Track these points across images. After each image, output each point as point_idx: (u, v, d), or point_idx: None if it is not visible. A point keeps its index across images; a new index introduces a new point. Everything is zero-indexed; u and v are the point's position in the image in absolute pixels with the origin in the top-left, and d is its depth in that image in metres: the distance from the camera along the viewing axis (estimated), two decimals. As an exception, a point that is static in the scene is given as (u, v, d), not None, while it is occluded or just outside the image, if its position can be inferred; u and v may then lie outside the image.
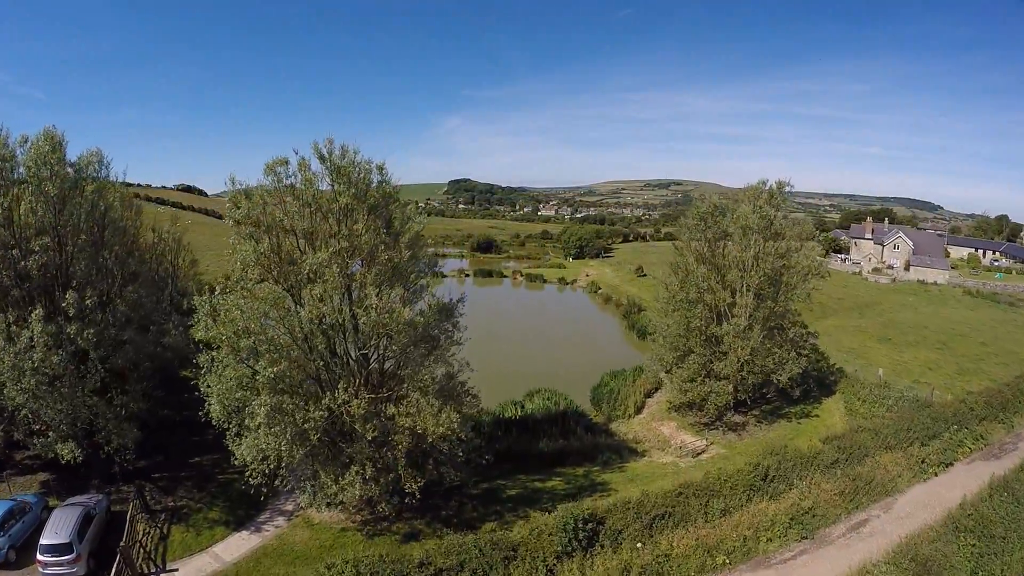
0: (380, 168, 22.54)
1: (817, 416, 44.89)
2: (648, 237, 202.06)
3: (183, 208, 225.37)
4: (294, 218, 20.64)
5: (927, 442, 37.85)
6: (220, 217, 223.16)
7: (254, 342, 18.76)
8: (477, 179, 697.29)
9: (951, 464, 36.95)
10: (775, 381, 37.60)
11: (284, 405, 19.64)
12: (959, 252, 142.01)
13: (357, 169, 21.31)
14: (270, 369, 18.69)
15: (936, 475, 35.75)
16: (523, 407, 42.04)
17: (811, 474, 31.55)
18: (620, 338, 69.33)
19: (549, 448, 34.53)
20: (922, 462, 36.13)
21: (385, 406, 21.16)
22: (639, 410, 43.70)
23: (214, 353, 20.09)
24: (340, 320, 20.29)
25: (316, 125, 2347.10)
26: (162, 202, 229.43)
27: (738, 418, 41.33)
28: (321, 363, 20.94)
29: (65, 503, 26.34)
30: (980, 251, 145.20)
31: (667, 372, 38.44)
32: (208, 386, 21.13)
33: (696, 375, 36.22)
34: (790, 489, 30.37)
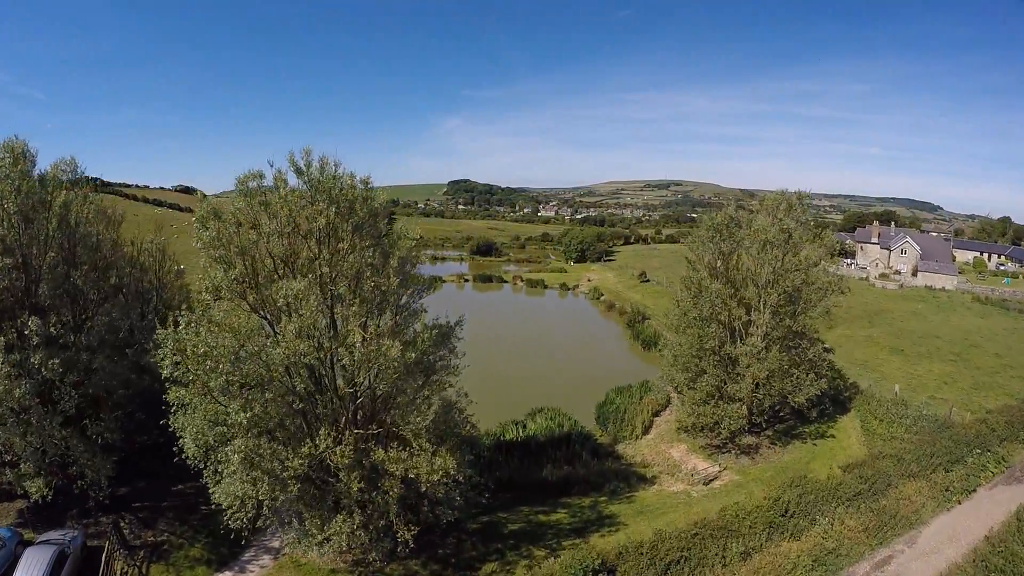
0: (365, 182, 20.46)
1: (833, 436, 42.95)
2: (649, 239, 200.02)
3: (180, 210, 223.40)
4: (270, 240, 18.55)
5: (950, 468, 36.08)
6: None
7: (226, 381, 16.72)
8: (477, 179, 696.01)
9: (974, 490, 35.21)
10: (792, 403, 35.60)
11: (260, 450, 17.60)
12: (964, 256, 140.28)
13: (338, 184, 19.24)
14: (242, 415, 16.67)
15: (959, 503, 33.98)
16: (525, 427, 40.08)
17: (833, 508, 29.61)
18: (624, 349, 67.32)
19: (553, 476, 32.52)
20: (946, 490, 34.38)
21: (374, 450, 19.10)
22: (647, 430, 41.68)
23: (182, 391, 18.05)
24: (321, 358, 18.21)
25: (316, 125, 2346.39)
26: (159, 203, 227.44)
27: (751, 439, 39.33)
28: (301, 404, 18.84)
29: (38, 541, 24.77)
30: (985, 255, 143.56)
31: (677, 392, 36.37)
32: (180, 425, 19.16)
33: (709, 397, 34.20)
34: (812, 525, 28.41)
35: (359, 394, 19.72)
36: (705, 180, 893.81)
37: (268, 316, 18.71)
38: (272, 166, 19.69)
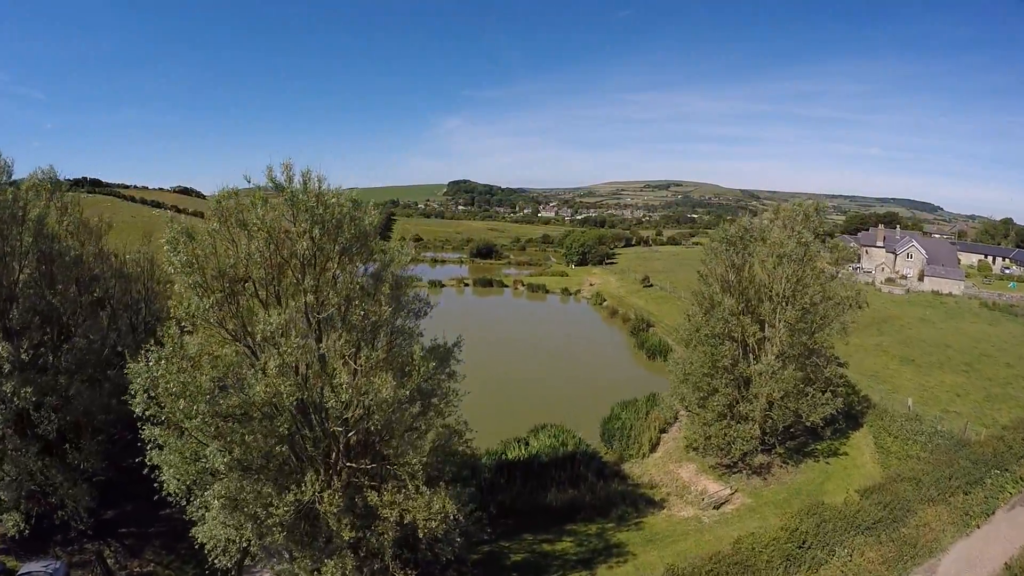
0: (353, 199, 18.90)
1: (846, 454, 41.53)
2: (650, 241, 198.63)
3: (179, 211, 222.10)
4: (249, 264, 16.99)
5: (968, 490, 34.73)
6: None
7: (202, 421, 15.21)
8: (477, 180, 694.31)
9: (992, 512, 33.96)
10: (806, 422, 34.12)
11: (243, 493, 16.10)
12: (968, 259, 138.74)
13: (323, 202, 17.60)
14: (221, 459, 15.19)
15: (978, 526, 32.70)
16: (527, 445, 38.58)
17: (852, 538, 28.17)
18: (628, 358, 65.78)
19: (558, 502, 31.03)
20: (965, 514, 33.09)
21: (367, 490, 17.59)
22: (654, 447, 40.19)
23: (157, 431, 16.55)
24: (304, 398, 16.66)
25: (316, 125, 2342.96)
26: (157, 205, 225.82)
27: (762, 458, 37.79)
28: (284, 446, 17.28)
29: (20, 573, 23.60)
30: (989, 257, 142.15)
31: (687, 410, 34.85)
32: (158, 463, 17.65)
33: (720, 417, 32.71)
34: (831, 558, 26.96)
35: (350, 429, 18.18)
36: (705, 180, 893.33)
37: (250, 344, 17.14)
38: (249, 181, 18.01)
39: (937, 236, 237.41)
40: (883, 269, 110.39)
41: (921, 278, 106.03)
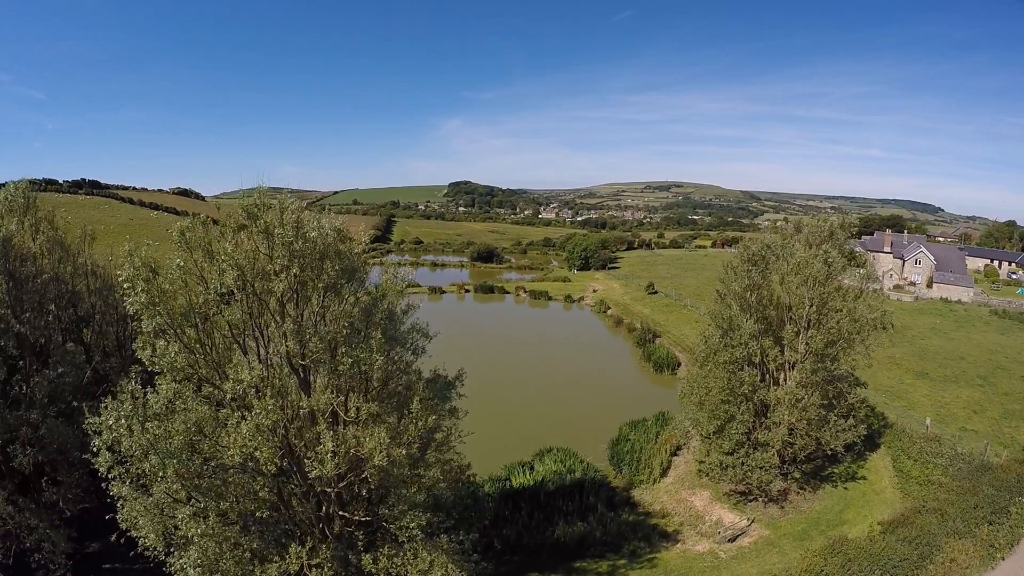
0: (338, 229, 17.04)
1: (864, 478, 39.77)
2: (653, 245, 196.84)
3: (177, 213, 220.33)
4: (220, 305, 15.10)
5: (993, 520, 32.98)
6: (215, 223, 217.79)
7: (171, 488, 13.43)
8: (477, 181, 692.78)
9: (1017, 542, 32.30)
10: (827, 450, 32.36)
11: (222, 564, 14.30)
12: (974, 263, 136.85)
13: (303, 237, 15.59)
14: (194, 527, 13.41)
15: (1003, 559, 31.02)
16: (532, 469, 36.79)
17: (879, 579, 26.44)
18: (635, 371, 63.80)
19: (567, 536, 29.22)
20: (990, 546, 31.38)
21: (360, 555, 15.79)
22: (665, 472, 38.38)
23: (125, 490, 14.76)
24: (283, 466, 14.81)
25: (315, 125, 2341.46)
26: (155, 207, 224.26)
27: (779, 483, 36.01)
28: (265, 511, 15.43)
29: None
30: (996, 262, 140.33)
31: (703, 437, 33.00)
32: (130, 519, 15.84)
33: (738, 446, 30.93)
34: (859, 603, 25.22)
35: (342, 481, 16.33)
36: (706, 182, 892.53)
37: (223, 397, 15.26)
38: (219, 209, 16.04)
39: (941, 239, 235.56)
40: (891, 276, 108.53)
41: (930, 285, 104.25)
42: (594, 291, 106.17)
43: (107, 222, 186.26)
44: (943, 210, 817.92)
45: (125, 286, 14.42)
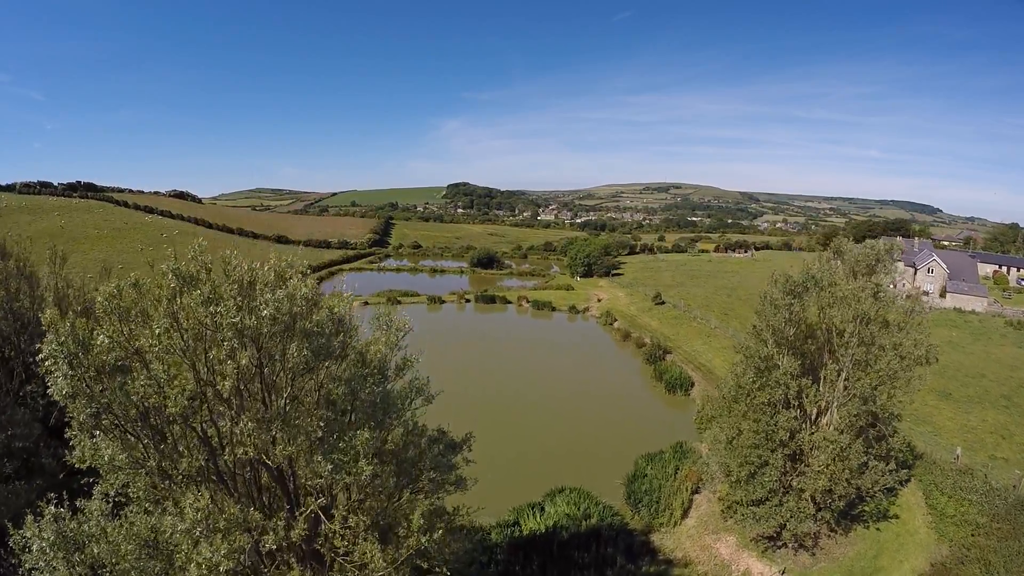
0: (311, 286, 13.85)
1: (896, 517, 37.33)
2: (655, 249, 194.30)
3: (172, 217, 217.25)
4: (159, 391, 11.97)
5: (1035, 565, 30.57)
6: (210, 226, 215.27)
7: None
8: (476, 182, 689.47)
9: (1065, 593, 29.85)
10: (865, 495, 29.90)
11: None
12: (983, 269, 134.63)
13: (260, 299, 12.29)
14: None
15: (1056, 613, 28.56)
16: (543, 510, 34.23)
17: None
18: (646, 391, 61.01)
19: (585, 596, 26.66)
20: (1035, 596, 28.98)
21: None
22: (686, 511, 35.86)
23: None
24: None
25: (313, 125, 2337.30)
26: (150, 210, 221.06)
27: (808, 525, 33.56)
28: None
29: None
30: (1004, 268, 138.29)
31: (733, 482, 30.41)
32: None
33: (772, 493, 28.42)
34: None
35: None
36: (705, 183, 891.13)
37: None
38: (153, 267, 12.82)
39: (946, 243, 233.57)
40: (903, 284, 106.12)
41: (943, 294, 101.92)
42: (598, 300, 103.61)
43: (100, 226, 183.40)
44: (942, 211, 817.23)
45: (48, 364, 11.41)
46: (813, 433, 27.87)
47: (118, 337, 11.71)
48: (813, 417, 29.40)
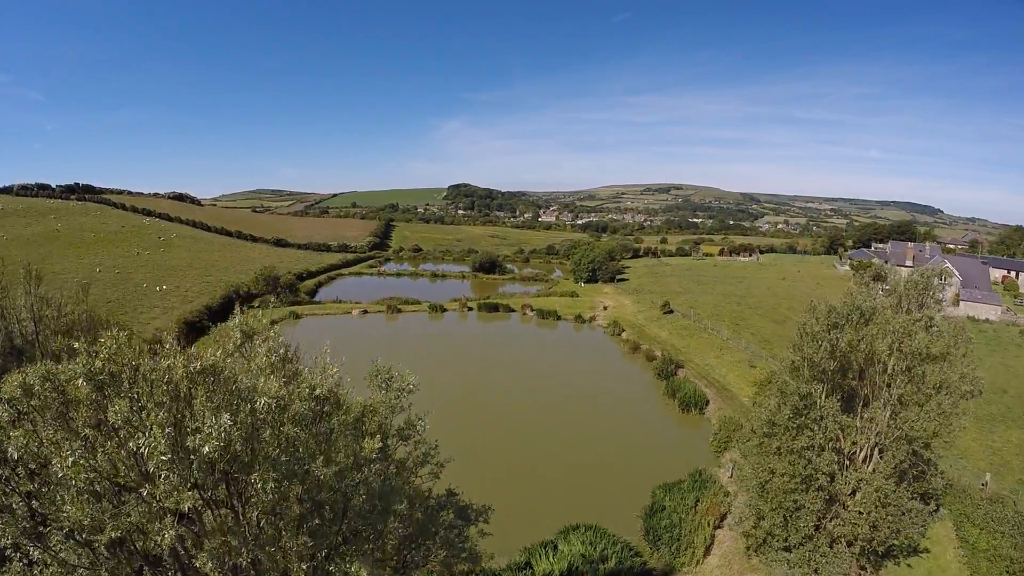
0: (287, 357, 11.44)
1: (927, 551, 35.26)
2: (659, 253, 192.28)
3: (170, 220, 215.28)
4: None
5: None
6: (208, 229, 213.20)
7: None
8: (476, 183, 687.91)
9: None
10: (905, 539, 27.97)
11: None
12: (992, 274, 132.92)
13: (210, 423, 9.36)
14: None
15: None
16: (555, 549, 32.22)
17: None
18: (659, 409, 58.40)
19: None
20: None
21: None
22: (708, 549, 33.89)
23: None
24: None
25: (313, 126, 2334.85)
26: (148, 213, 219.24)
27: (844, 569, 31.61)
28: None
29: None
30: (1013, 273, 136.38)
31: (768, 536, 28.40)
32: None
33: (806, 539, 26.48)
34: None
35: None
36: (705, 184, 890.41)
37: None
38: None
39: (952, 245, 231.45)
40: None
41: (956, 302, 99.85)
42: (604, 308, 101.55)
43: (97, 229, 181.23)
44: (943, 211, 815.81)
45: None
46: (851, 474, 25.95)
47: (29, 450, 9.28)
48: (851, 456, 27.46)
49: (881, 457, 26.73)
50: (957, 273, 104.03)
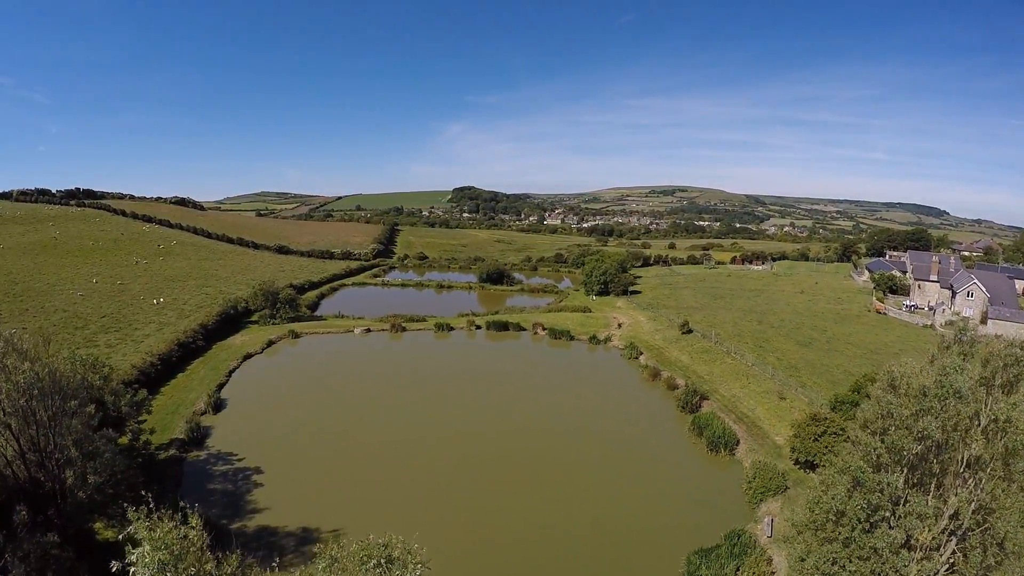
0: None
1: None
2: (670, 261, 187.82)
3: (171, 226, 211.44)
4: None
5: None
6: (209, 236, 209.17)
7: None
8: (481, 186, 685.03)
9: None
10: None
11: None
12: (1016, 285, 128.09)
13: None
14: None
15: None
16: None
17: None
18: (685, 449, 53.02)
19: None
20: None
21: None
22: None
23: None
24: None
25: (319, 128, 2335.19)
26: (148, 219, 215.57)
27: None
28: None
29: None
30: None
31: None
32: None
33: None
34: None
35: None
36: (710, 186, 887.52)
37: None
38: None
39: (966, 253, 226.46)
40: (943, 311, 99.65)
41: (984, 320, 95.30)
42: (619, 326, 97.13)
43: (96, 237, 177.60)
44: (948, 213, 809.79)
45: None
46: (926, 565, 21.74)
47: None
48: (925, 547, 23.19)
49: (958, 550, 22.64)
50: (984, 290, 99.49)
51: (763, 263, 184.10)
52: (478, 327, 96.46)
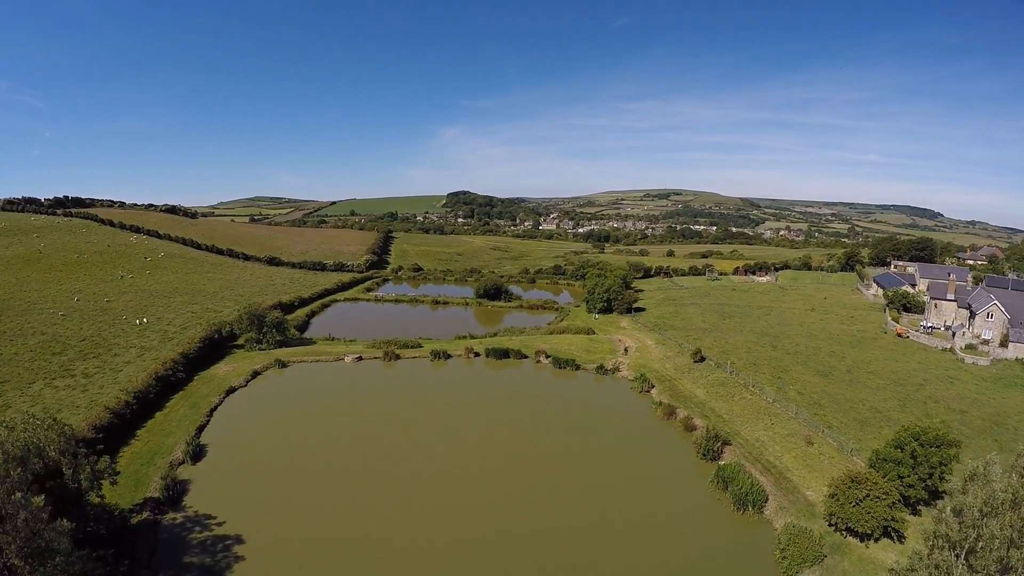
0: None
1: None
2: (671, 272, 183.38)
3: (159, 237, 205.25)
4: None
5: None
6: (198, 247, 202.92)
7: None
8: (475, 190, 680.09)
9: None
10: None
11: None
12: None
13: None
14: None
15: None
16: None
17: None
18: (708, 507, 48.53)
19: None
20: None
21: None
22: None
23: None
24: None
25: (313, 133, 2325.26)
26: (137, 230, 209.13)
27: None
28: None
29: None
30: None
31: None
32: None
33: None
34: None
35: None
36: (705, 189, 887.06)
37: None
38: None
39: (970, 261, 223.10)
40: (963, 333, 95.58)
41: (1004, 343, 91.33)
42: (626, 350, 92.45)
43: (82, 249, 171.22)
44: (942, 215, 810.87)
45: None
46: None
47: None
48: None
49: None
50: (1004, 311, 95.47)
51: (767, 274, 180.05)
52: (476, 354, 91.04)
